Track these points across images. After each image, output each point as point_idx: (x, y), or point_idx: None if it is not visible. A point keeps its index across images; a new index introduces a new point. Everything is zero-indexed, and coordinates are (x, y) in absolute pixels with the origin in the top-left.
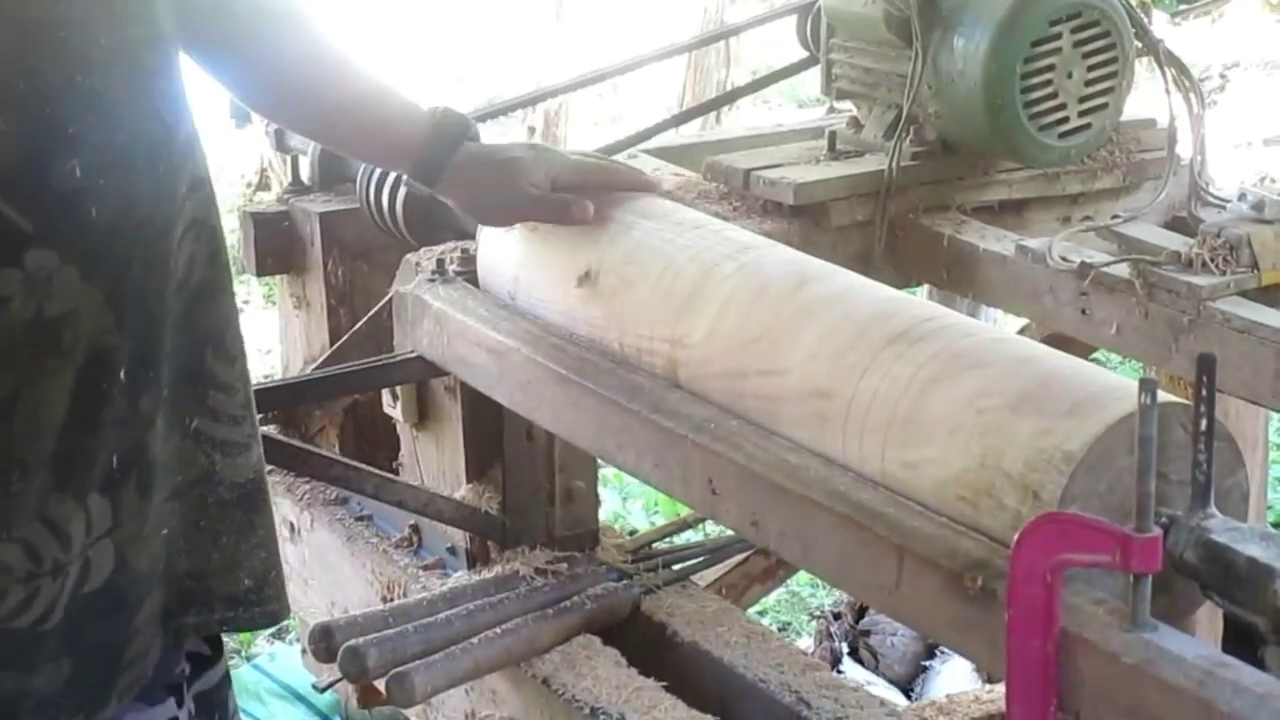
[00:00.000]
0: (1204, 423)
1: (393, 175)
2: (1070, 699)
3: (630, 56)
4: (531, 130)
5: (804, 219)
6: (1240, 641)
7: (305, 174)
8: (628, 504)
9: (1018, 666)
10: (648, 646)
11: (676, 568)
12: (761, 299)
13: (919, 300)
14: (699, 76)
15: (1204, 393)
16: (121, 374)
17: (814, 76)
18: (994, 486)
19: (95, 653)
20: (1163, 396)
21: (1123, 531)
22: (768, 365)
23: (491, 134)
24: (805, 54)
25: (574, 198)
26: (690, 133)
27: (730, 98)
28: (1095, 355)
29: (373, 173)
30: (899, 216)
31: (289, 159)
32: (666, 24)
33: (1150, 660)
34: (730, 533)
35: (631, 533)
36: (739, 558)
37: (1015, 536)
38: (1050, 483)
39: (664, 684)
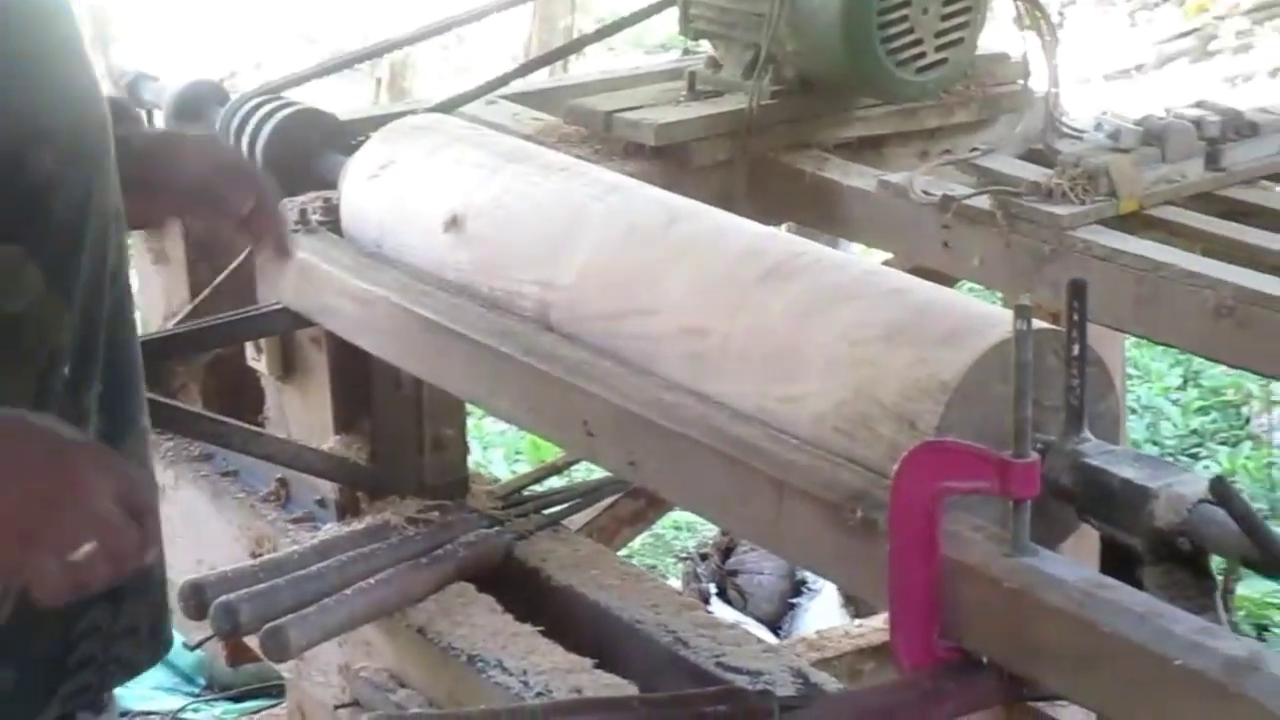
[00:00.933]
0: (1076, 348)
1: (251, 124)
2: (953, 626)
3: (475, 7)
4: (379, 82)
5: (665, 160)
6: (1117, 563)
7: (161, 126)
8: (488, 453)
9: (900, 595)
10: (523, 592)
11: (548, 512)
12: (631, 239)
13: (788, 236)
14: (545, 25)
15: (1075, 317)
16: (66, 369)
17: (658, 23)
18: (870, 417)
19: (39, 662)
20: (1035, 324)
21: (1001, 458)
22: (640, 305)
23: (338, 89)
24: None
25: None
26: (540, 80)
27: (583, 43)
28: (958, 286)
29: (231, 123)
30: (760, 155)
31: (145, 113)
32: None
33: (1032, 584)
34: (601, 475)
35: (495, 481)
36: (608, 501)
37: (895, 466)
38: (927, 412)
39: (540, 629)
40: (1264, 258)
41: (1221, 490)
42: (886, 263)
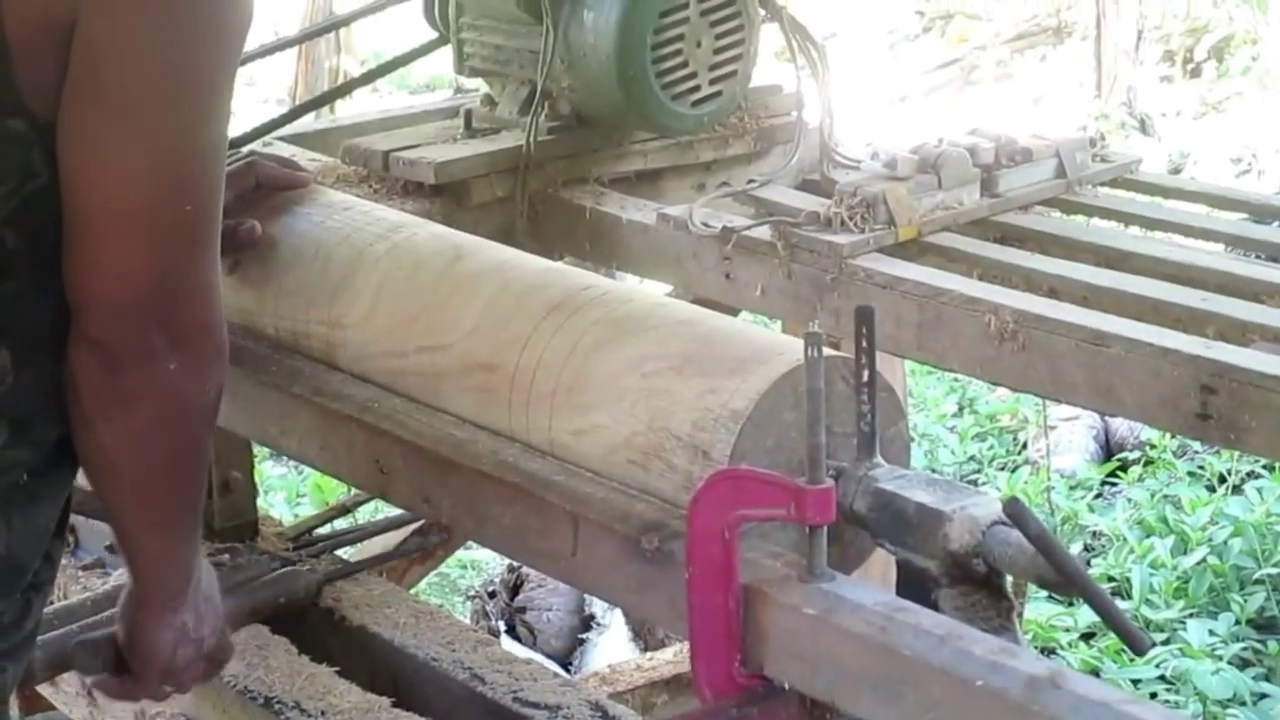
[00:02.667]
0: (865, 374)
1: None
2: (754, 653)
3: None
4: None
5: (445, 197)
6: (913, 586)
7: None
8: (269, 496)
9: (700, 624)
10: (317, 634)
11: (349, 554)
12: (416, 276)
13: (574, 270)
14: (310, 67)
15: (864, 344)
16: None
17: (423, 63)
18: (663, 448)
19: None
20: (825, 351)
21: (796, 484)
22: (427, 342)
23: None
24: (425, 38)
25: (237, 220)
26: (316, 121)
27: (351, 86)
28: (740, 317)
29: None
30: (539, 191)
31: None
32: (273, 13)
33: (831, 609)
34: (388, 514)
35: (283, 524)
36: (398, 541)
37: (690, 495)
38: (719, 441)
39: (336, 669)
40: (1040, 281)
41: (1016, 511)
42: (668, 294)
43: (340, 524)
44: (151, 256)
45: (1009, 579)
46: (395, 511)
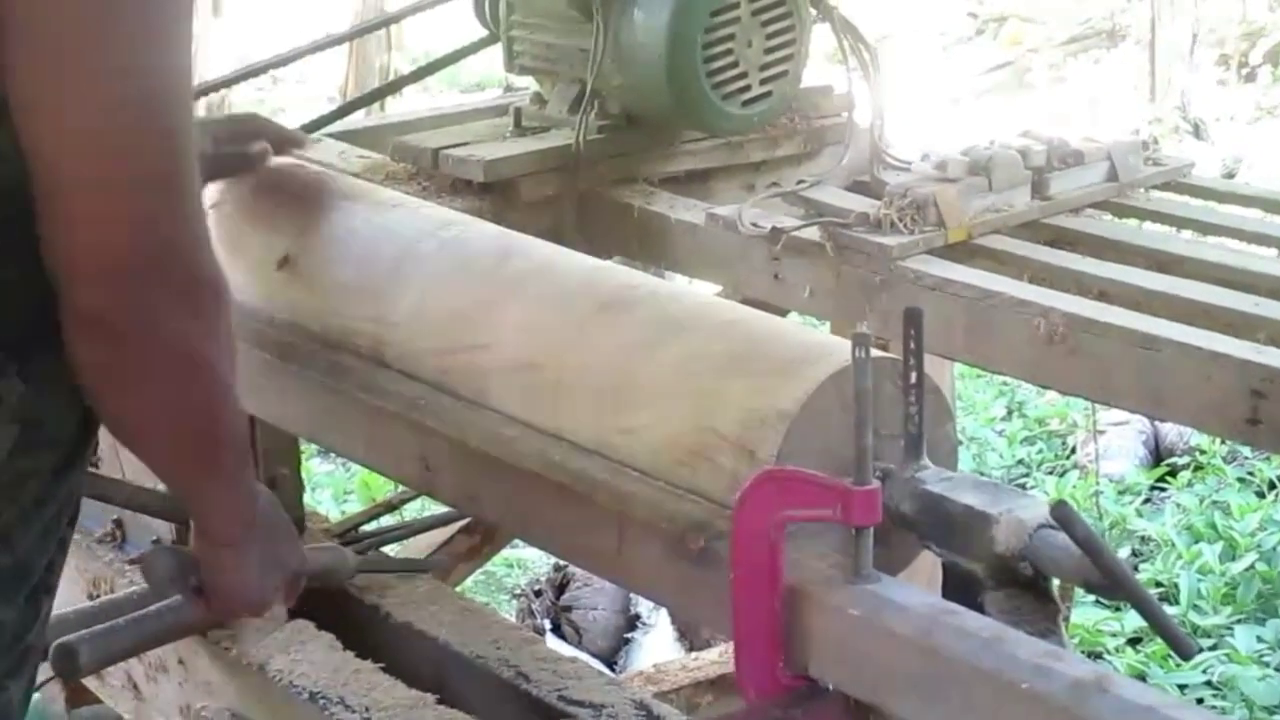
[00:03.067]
0: (914, 375)
1: None
2: (798, 653)
3: (290, 48)
4: None
5: (494, 196)
6: (959, 589)
7: None
8: (317, 493)
9: (745, 624)
10: (362, 630)
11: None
12: (464, 275)
13: (622, 269)
14: (361, 64)
15: (912, 346)
16: None
17: (474, 61)
18: (710, 448)
19: None
20: (873, 352)
21: (842, 485)
22: (474, 340)
23: None
24: (475, 36)
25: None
26: (365, 118)
27: (401, 83)
28: (789, 318)
29: None
30: (588, 190)
31: None
32: (325, 11)
33: (875, 611)
34: (435, 511)
35: (329, 520)
36: (444, 538)
37: (736, 496)
38: (766, 441)
39: (381, 666)
40: (1091, 284)
41: (1063, 514)
42: (717, 295)
43: (387, 520)
44: (123, 210)
45: (1055, 582)
46: (441, 509)
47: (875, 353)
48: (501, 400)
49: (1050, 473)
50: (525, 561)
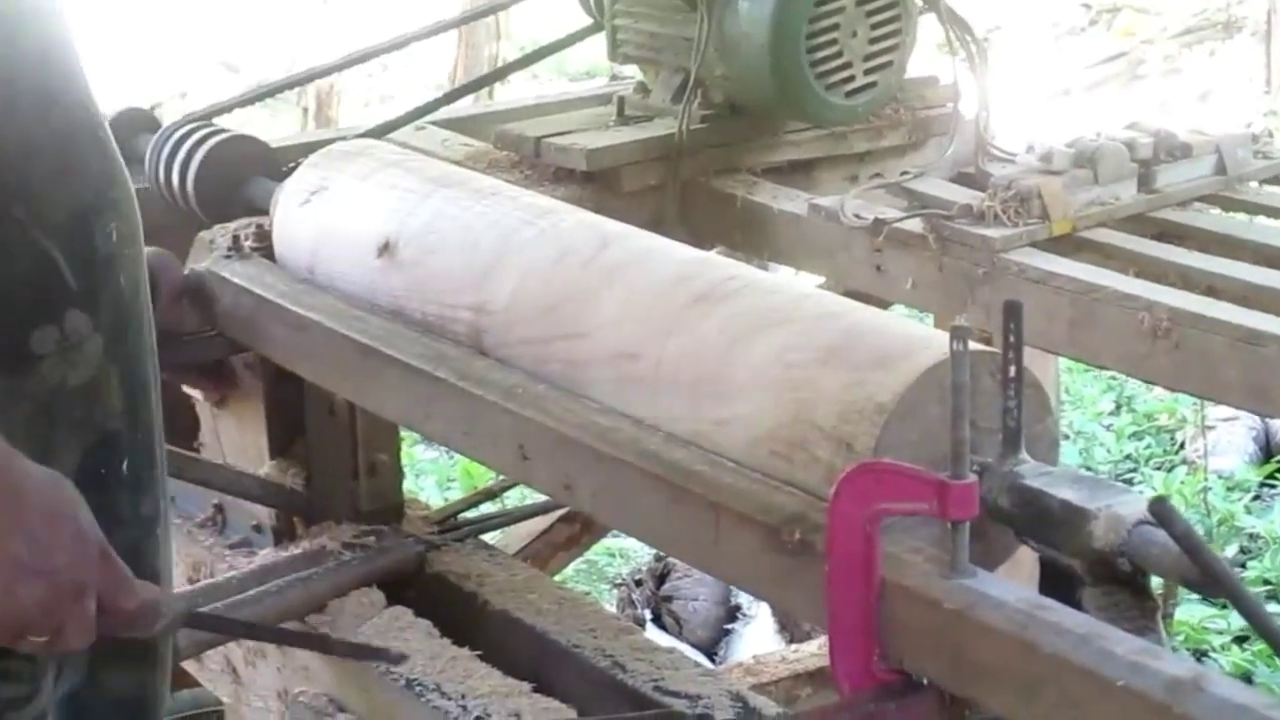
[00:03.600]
0: (1012, 369)
1: (183, 151)
2: (893, 648)
3: (399, 34)
4: (305, 112)
5: (596, 185)
6: (1056, 584)
7: None
8: (420, 480)
9: (839, 618)
10: (459, 617)
11: (495, 539)
12: (562, 264)
13: (721, 259)
14: (469, 52)
15: (1011, 339)
16: (124, 466)
17: (583, 49)
18: (807, 440)
19: None
20: (971, 345)
21: (939, 479)
22: (572, 329)
23: (264, 119)
24: (578, 24)
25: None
26: (469, 106)
27: (507, 70)
28: (891, 310)
29: (162, 150)
30: (690, 180)
31: None
32: (435, 0)
33: (971, 605)
34: (535, 500)
35: (429, 507)
36: (543, 527)
37: (832, 488)
38: (863, 434)
39: (477, 653)
40: (1197, 279)
41: (1161, 511)
42: (819, 286)
43: (487, 508)
44: None
45: (1154, 579)
46: (542, 497)
47: (975, 346)
48: (598, 389)
49: (1158, 468)
50: (626, 551)
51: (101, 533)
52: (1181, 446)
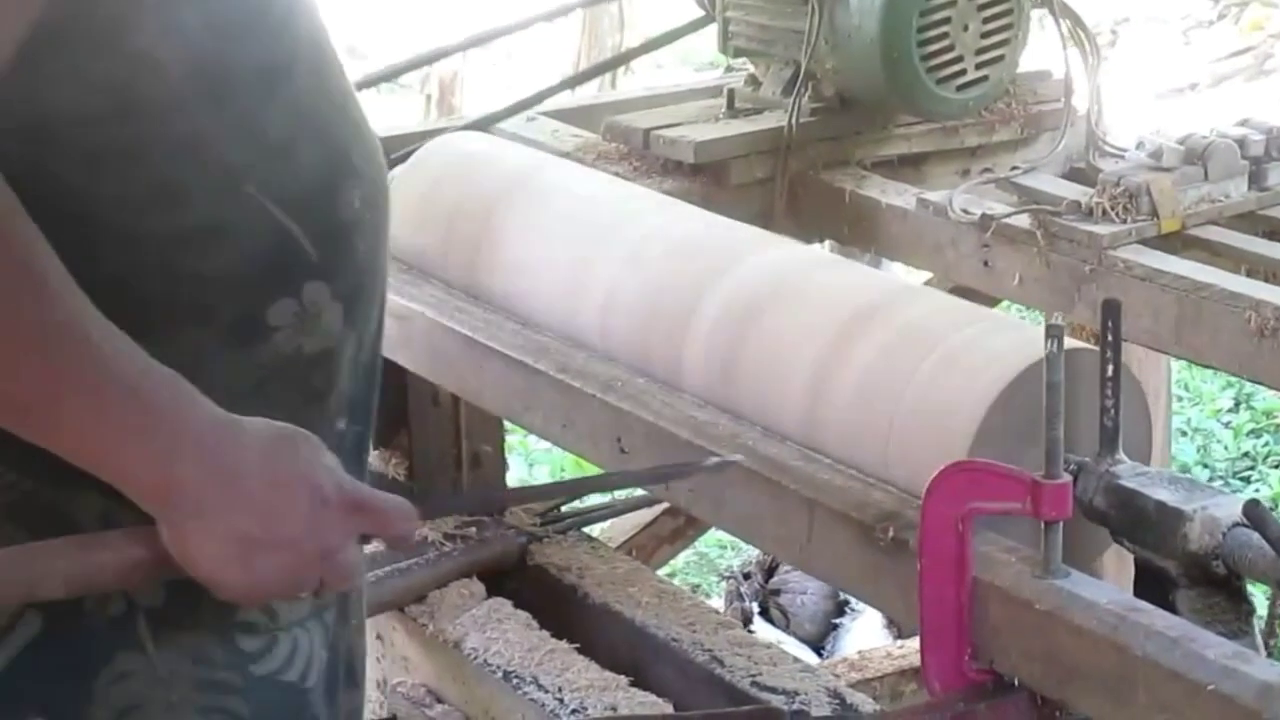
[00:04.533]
0: (1110, 369)
1: None
2: (984, 647)
3: (520, 17)
4: (429, 99)
5: (704, 177)
6: (1152, 586)
7: None
8: (534, 470)
9: (931, 616)
10: (559, 609)
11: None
12: (663, 258)
13: (818, 253)
14: (593, 42)
15: (1109, 338)
16: (348, 431)
17: (706, 40)
18: (904, 437)
19: None
20: (1070, 343)
21: (1032, 478)
22: (671, 323)
23: (387, 105)
24: (699, 14)
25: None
26: (581, 97)
27: (621, 60)
28: (1000, 306)
29: None
30: (799, 173)
31: None
32: None
33: (1063, 606)
34: (638, 494)
35: None
36: (649, 519)
37: (926, 486)
38: (959, 432)
39: (575, 646)
40: None
41: (1255, 513)
42: (927, 282)
43: (593, 500)
44: None
45: (1249, 582)
46: (643, 491)
47: (1074, 344)
48: (696, 383)
49: (1276, 467)
50: (737, 543)
51: (347, 476)
52: None
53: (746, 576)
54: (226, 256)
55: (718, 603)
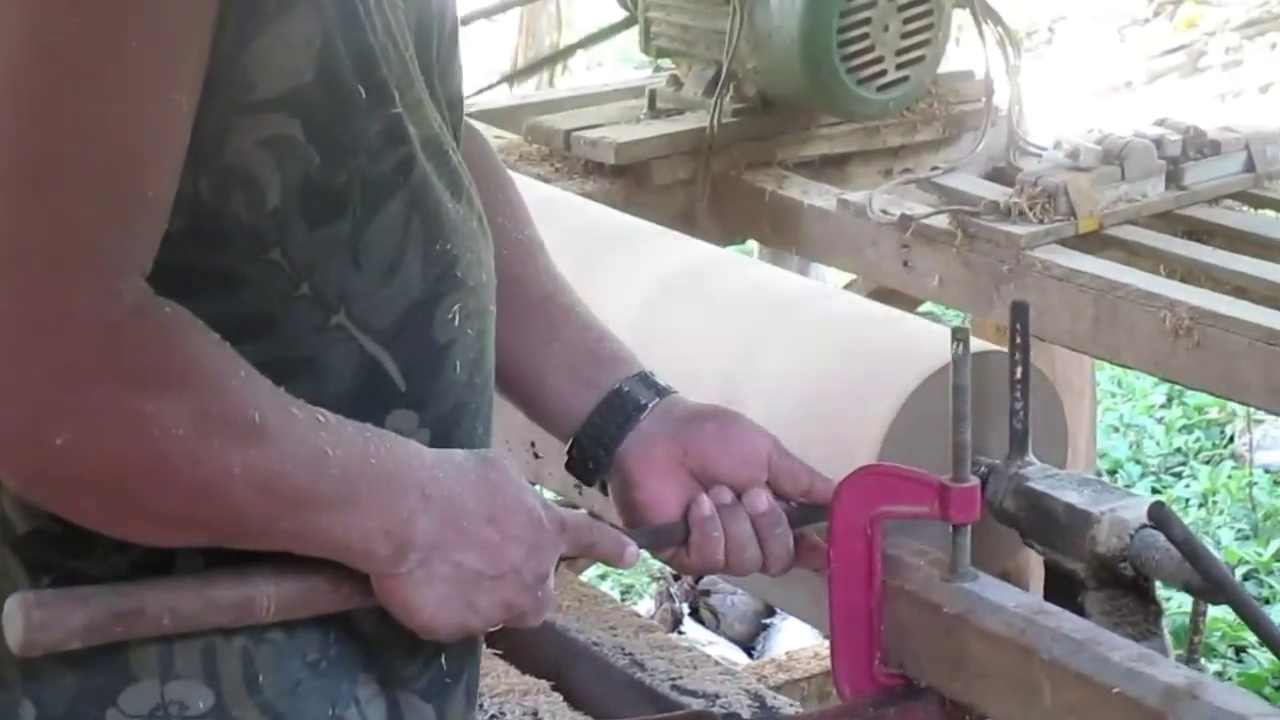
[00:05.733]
0: (1019, 370)
1: None
2: (894, 652)
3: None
4: None
5: (626, 179)
6: (1061, 588)
7: None
8: None
9: (841, 620)
10: None
11: None
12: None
13: (724, 257)
14: (530, 41)
15: (1018, 340)
16: None
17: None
18: (812, 442)
19: None
20: (982, 345)
21: (940, 482)
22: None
23: None
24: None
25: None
26: (502, 97)
27: (549, 60)
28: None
29: None
30: (721, 174)
31: None
32: None
33: (971, 610)
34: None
35: None
36: None
37: (833, 490)
38: (868, 437)
39: (498, 652)
40: (1225, 278)
41: (1160, 515)
42: (849, 284)
43: None
44: None
45: (1158, 584)
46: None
47: (983, 346)
48: None
49: (1207, 462)
50: None
51: (541, 497)
52: (1231, 440)
53: (676, 577)
54: (307, 387)
55: (649, 604)
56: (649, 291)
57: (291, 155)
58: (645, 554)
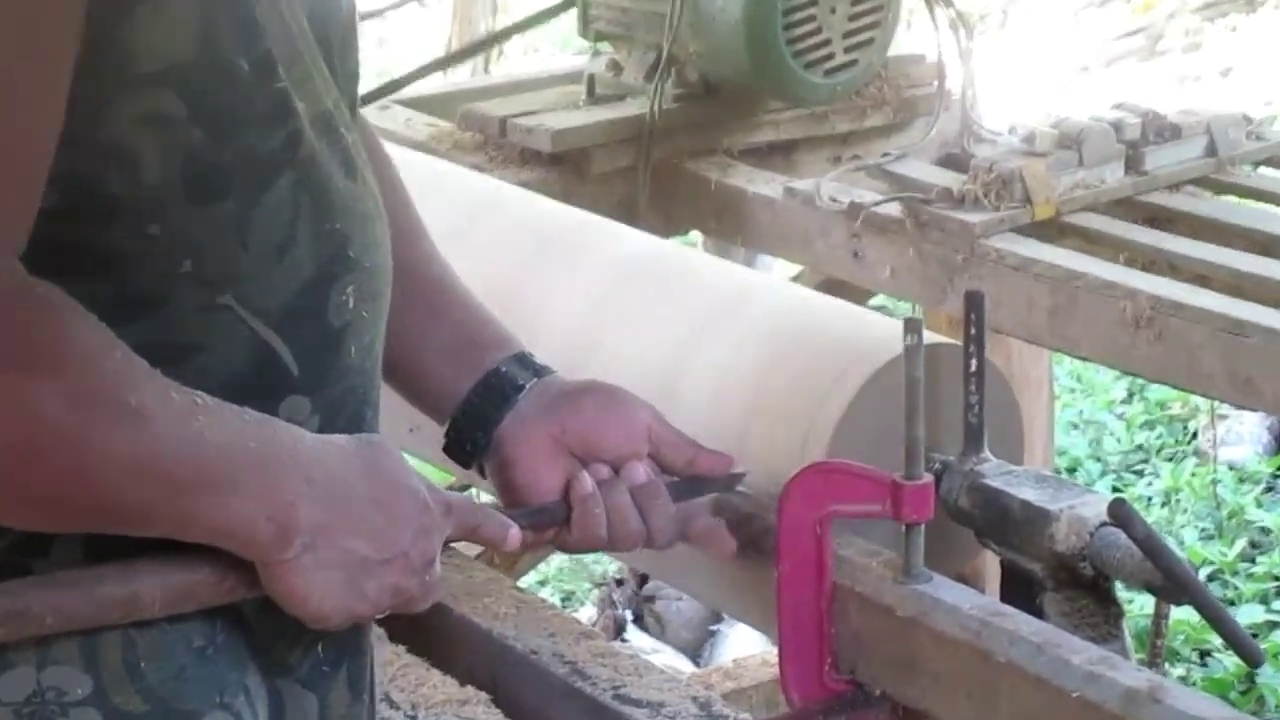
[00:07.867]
0: (974, 363)
1: None
2: (845, 656)
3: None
4: None
5: (563, 167)
6: (1018, 589)
7: None
8: None
9: (790, 624)
10: (413, 621)
11: None
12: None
13: (673, 250)
14: (465, 27)
15: (973, 331)
16: None
17: None
18: (758, 439)
19: None
20: (934, 338)
21: (892, 479)
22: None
23: None
24: None
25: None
26: (436, 84)
27: (484, 44)
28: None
29: None
30: (663, 162)
31: None
32: None
33: (924, 612)
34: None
35: None
36: None
37: (781, 489)
38: (816, 434)
39: (431, 660)
40: (1186, 266)
41: (1121, 512)
42: (797, 276)
43: None
44: None
45: (1118, 584)
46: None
47: (935, 338)
48: None
49: (1169, 459)
50: None
51: (425, 479)
52: (1194, 436)
53: (620, 583)
54: (197, 372)
55: (591, 610)
56: (590, 287)
57: (172, 131)
58: (606, 556)
